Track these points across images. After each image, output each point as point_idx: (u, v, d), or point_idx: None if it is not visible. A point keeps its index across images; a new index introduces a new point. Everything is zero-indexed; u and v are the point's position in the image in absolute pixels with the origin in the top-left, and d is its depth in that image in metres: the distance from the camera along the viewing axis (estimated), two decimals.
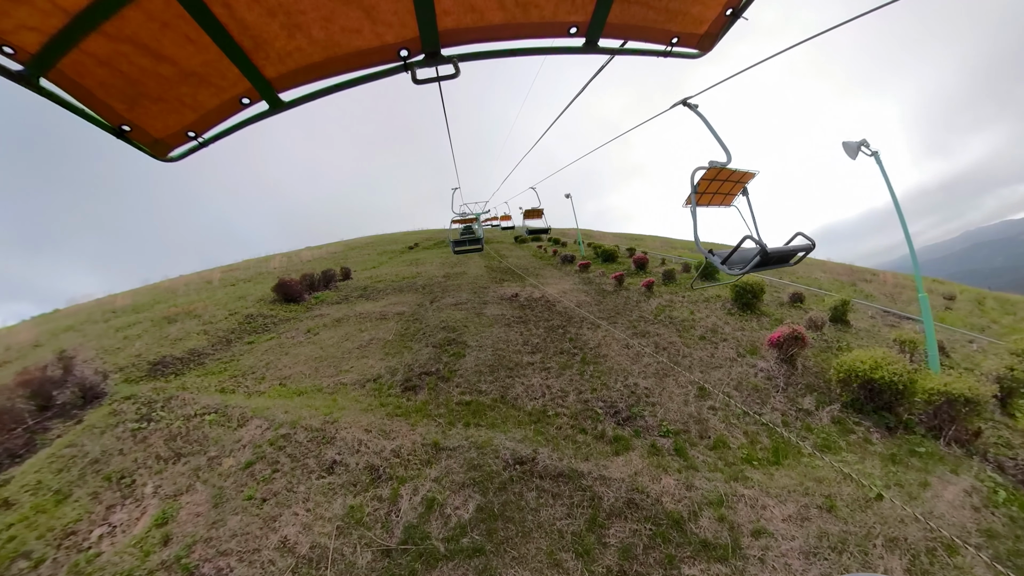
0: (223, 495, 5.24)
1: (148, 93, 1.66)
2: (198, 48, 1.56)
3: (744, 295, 13.46)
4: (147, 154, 1.90)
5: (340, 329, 12.28)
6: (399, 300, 14.86)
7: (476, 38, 1.87)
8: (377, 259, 29.09)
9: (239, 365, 11.25)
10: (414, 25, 1.73)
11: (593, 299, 13.70)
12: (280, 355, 11.22)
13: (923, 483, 6.36)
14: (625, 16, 1.95)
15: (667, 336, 10.38)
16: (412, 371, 8.32)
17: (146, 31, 1.45)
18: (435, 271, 20.76)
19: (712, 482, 5.25)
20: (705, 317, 12.29)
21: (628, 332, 10.45)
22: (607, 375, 7.99)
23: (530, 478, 4.87)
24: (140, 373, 11.31)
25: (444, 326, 10.95)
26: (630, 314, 12.00)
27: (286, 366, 10.35)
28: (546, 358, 8.77)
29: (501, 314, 11.93)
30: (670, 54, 2.19)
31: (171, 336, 14.32)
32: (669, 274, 17.12)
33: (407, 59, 1.86)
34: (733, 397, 8.23)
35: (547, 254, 27.36)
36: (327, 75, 1.86)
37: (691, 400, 7.64)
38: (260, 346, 12.47)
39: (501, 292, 14.77)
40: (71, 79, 1.50)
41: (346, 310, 14.22)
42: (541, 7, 1.80)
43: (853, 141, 10.37)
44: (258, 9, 1.51)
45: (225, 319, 15.42)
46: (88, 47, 1.43)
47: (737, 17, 2.04)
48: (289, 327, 13.51)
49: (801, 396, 8.79)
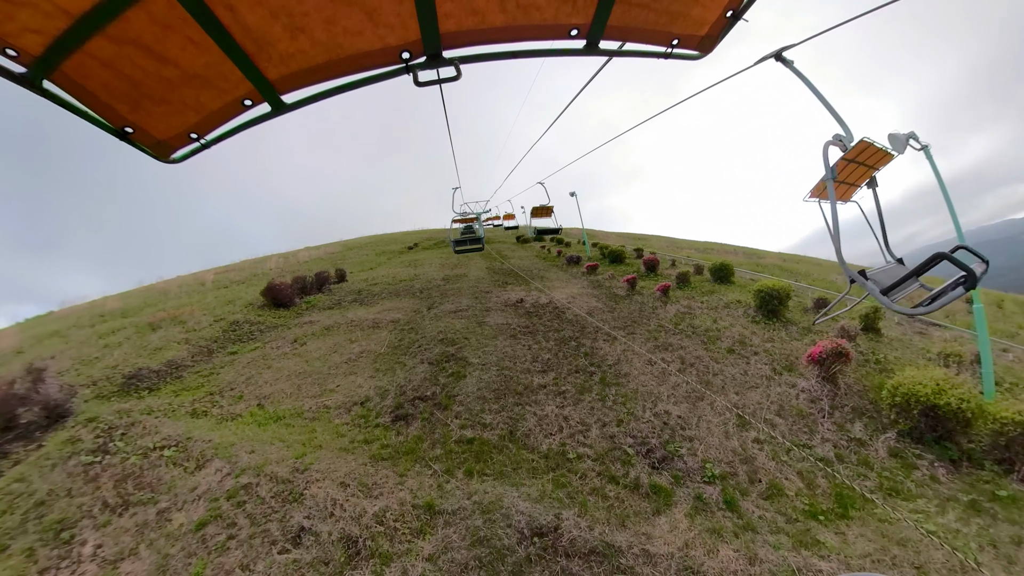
0: (168, 567, 4.18)
1: (151, 95, 1.66)
2: (201, 50, 1.56)
3: (769, 301, 12.39)
4: (150, 155, 1.88)
5: (329, 339, 11.21)
6: (394, 306, 13.78)
7: (477, 40, 1.85)
8: (375, 260, 28.02)
9: (218, 380, 10.21)
10: (416, 27, 1.72)
11: (605, 305, 12.61)
12: (262, 369, 10.16)
13: (1017, 539, 5.32)
14: (626, 18, 1.93)
15: (692, 349, 9.31)
16: (404, 394, 7.23)
17: (149, 33, 1.45)
18: (434, 273, 19.68)
19: (779, 550, 4.21)
20: (729, 326, 11.23)
21: (649, 345, 9.39)
22: (632, 400, 6.91)
23: (553, 557, 3.79)
24: (113, 388, 10.30)
25: (442, 338, 9.87)
26: (648, 323, 10.92)
27: (267, 382, 9.29)
28: (560, 379, 7.68)
29: (506, 323, 10.84)
30: (671, 56, 2.16)
31: (152, 345, 13.30)
32: (683, 277, 16.05)
33: (409, 61, 1.85)
34: (777, 426, 7.18)
35: (551, 255, 26.25)
36: (329, 77, 1.84)
37: (732, 431, 6.58)
38: (243, 357, 11.42)
39: (505, 297, 13.68)
40: (74, 81, 1.49)
41: (337, 317, 13.15)
42: (542, 9, 1.80)
43: (901, 134, 9.33)
44: (261, 11, 1.51)
45: (209, 326, 14.38)
46: (91, 49, 1.43)
47: (737, 19, 2.01)
48: (275, 336, 12.45)
49: (850, 422, 7.74)
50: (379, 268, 23.53)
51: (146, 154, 1.85)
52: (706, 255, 30.65)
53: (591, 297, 13.62)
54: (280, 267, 29.79)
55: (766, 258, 33.12)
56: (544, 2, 1.76)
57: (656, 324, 10.77)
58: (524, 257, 25.86)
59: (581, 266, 20.49)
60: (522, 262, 23.58)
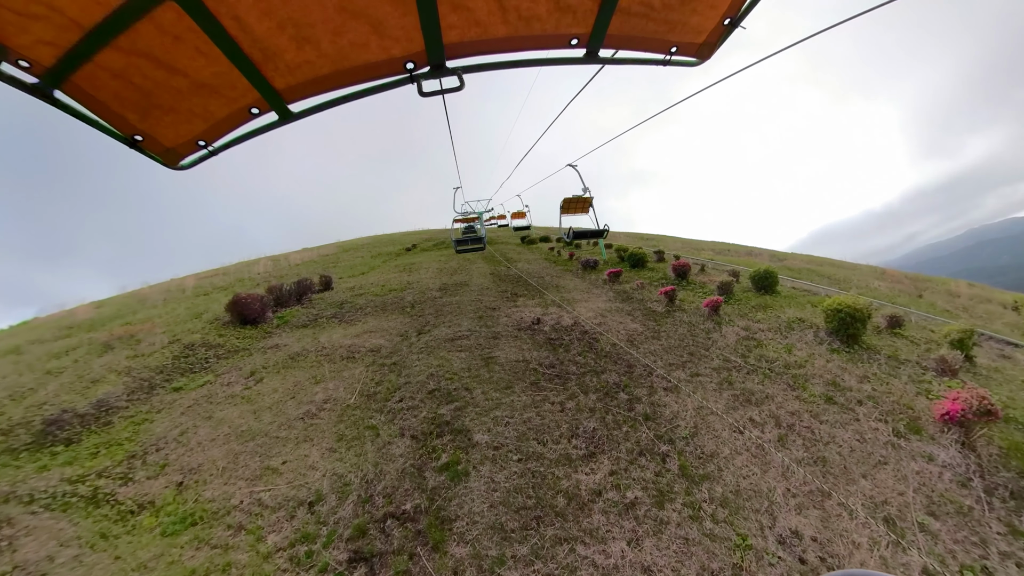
0: None
1: (160, 104, 1.67)
2: (209, 60, 1.57)
3: (850, 324, 9.90)
4: (159, 162, 1.89)
5: (290, 375, 8.76)
6: (378, 326, 11.29)
7: (480, 50, 1.87)
8: (369, 263, 25.54)
9: (148, 432, 7.81)
10: (420, 39, 1.73)
11: (645, 327, 10.07)
12: (202, 419, 7.74)
13: None
14: (625, 27, 1.93)
15: (782, 400, 6.86)
16: (371, 501, 4.60)
17: (158, 44, 1.47)
18: (430, 280, 17.18)
19: None
20: (808, 359, 8.77)
21: (725, 395, 6.91)
22: (739, 512, 4.37)
23: None
24: (27, 439, 8.00)
25: (434, 387, 7.29)
26: (709, 356, 8.42)
27: (201, 443, 6.87)
28: (619, 473, 4.97)
29: (522, 360, 8.29)
30: (669, 63, 2.16)
31: (92, 374, 10.92)
32: (726, 287, 13.57)
33: (413, 71, 1.86)
34: (938, 535, 4.74)
35: (562, 258, 23.69)
36: (335, 87, 1.86)
37: (886, 555, 4.15)
38: (187, 396, 9.01)
39: (517, 317, 11.17)
40: (85, 91, 1.52)
41: (308, 340, 10.68)
42: (543, 20, 1.81)
43: None
44: (268, 22, 1.52)
45: (161, 349, 11.96)
46: (102, 60, 1.45)
47: (735, 26, 2.00)
48: (231, 366, 10.01)
49: (1015, 514, 5.31)
50: (371, 273, 21.04)
51: (155, 161, 1.86)
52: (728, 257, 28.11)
53: (624, 315, 11.06)
54: (269, 271, 27.41)
55: (789, 260, 30.52)
56: (545, 13, 1.77)
57: (720, 358, 8.27)
58: (532, 260, 23.29)
59: (600, 272, 17.98)
60: (530, 266, 21.05)
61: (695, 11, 1.89)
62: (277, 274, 25.96)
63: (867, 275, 24.22)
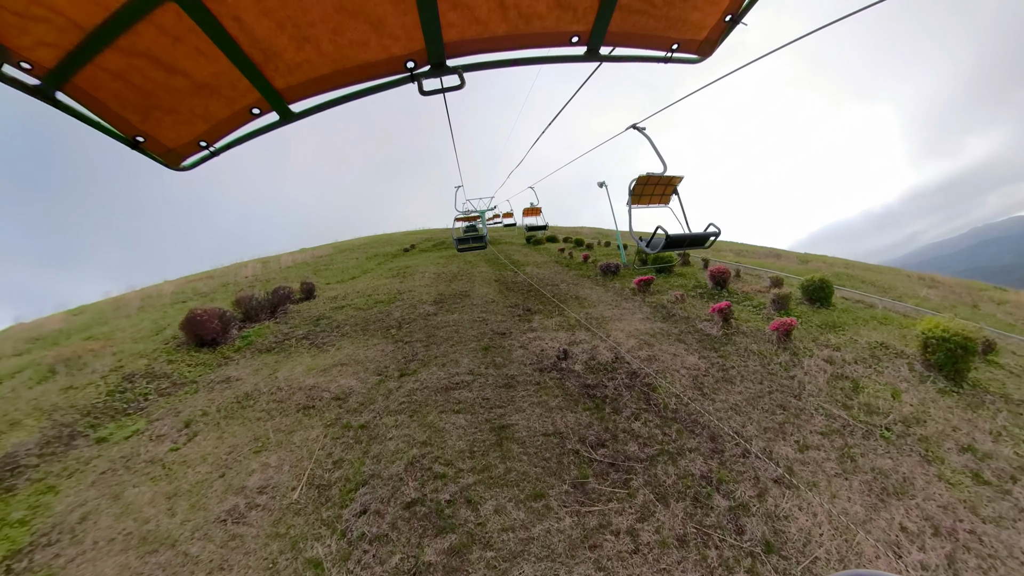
0: None
1: (161, 105, 1.66)
2: (209, 60, 1.57)
3: (957, 357, 7.68)
4: (161, 163, 1.88)
5: (229, 432, 6.55)
6: (353, 355, 9.02)
7: (480, 49, 1.85)
8: (362, 266, 23.33)
9: (46, 514, 5.68)
10: (420, 38, 1.71)
11: (708, 362, 7.69)
12: (110, 499, 5.58)
13: None
14: (626, 25, 1.92)
15: (921, 482, 4.69)
16: None
17: (159, 45, 1.46)
18: (424, 289, 14.94)
19: None
20: (921, 408, 6.58)
21: (853, 483, 4.68)
22: None
23: None
24: None
25: (416, 496, 4.70)
26: (805, 411, 6.13)
27: (95, 547, 4.71)
28: None
29: (553, 433, 5.76)
30: (671, 60, 2.15)
31: (15, 412, 8.79)
32: (781, 301, 11.36)
33: (414, 70, 1.84)
34: None
35: (574, 260, 21.40)
36: (336, 86, 1.84)
37: None
38: (107, 453, 6.88)
39: (536, 348, 8.84)
40: (86, 93, 1.51)
41: (266, 374, 8.46)
42: (543, 18, 1.80)
43: None
44: (268, 23, 1.52)
45: (100, 380, 9.77)
46: (103, 62, 1.44)
47: (736, 23, 1.99)
48: (169, 408, 7.83)
49: None
50: (361, 278, 18.80)
51: (157, 162, 1.86)
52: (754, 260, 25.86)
53: (674, 341, 8.73)
54: (257, 275, 25.23)
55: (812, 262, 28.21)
56: (545, 10, 1.76)
57: (821, 412, 5.99)
58: (541, 264, 20.98)
59: (624, 278, 15.74)
60: (540, 271, 18.79)
61: (696, 7, 1.90)
62: (265, 277, 23.80)
63: (913, 283, 21.86)
